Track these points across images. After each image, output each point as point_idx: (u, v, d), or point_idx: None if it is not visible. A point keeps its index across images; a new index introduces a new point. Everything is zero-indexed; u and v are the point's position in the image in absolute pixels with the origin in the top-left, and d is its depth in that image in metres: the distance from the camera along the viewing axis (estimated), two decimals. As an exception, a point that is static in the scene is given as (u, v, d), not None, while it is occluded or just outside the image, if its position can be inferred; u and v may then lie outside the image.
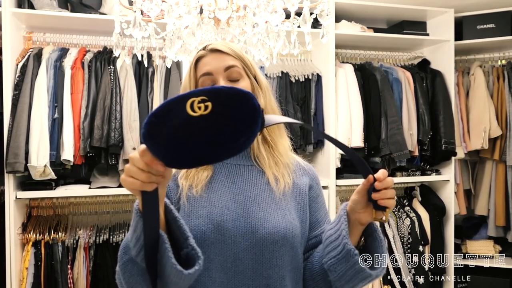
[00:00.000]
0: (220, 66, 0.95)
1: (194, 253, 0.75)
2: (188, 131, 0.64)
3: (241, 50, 1.00)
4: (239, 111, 0.66)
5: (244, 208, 0.91)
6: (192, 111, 0.64)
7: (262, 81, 1.00)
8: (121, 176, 0.72)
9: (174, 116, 0.64)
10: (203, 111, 0.64)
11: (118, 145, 2.29)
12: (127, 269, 0.80)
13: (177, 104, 0.64)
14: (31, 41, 2.46)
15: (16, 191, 2.25)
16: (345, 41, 2.86)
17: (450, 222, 2.96)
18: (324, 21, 1.31)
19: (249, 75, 0.98)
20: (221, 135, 0.65)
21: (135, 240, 0.76)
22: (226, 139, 0.65)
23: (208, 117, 0.64)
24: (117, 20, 1.41)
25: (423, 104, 2.88)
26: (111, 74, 2.35)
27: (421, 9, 2.87)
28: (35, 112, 2.21)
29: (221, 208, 0.90)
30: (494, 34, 2.92)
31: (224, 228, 0.88)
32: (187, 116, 0.64)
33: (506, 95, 2.97)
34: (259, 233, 0.89)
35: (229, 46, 0.98)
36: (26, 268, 2.23)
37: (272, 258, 0.89)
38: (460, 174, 3.12)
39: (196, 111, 0.64)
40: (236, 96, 0.66)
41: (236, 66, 0.95)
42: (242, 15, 1.38)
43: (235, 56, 0.96)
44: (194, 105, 0.64)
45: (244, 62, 0.98)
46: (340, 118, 2.69)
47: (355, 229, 0.87)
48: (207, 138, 0.65)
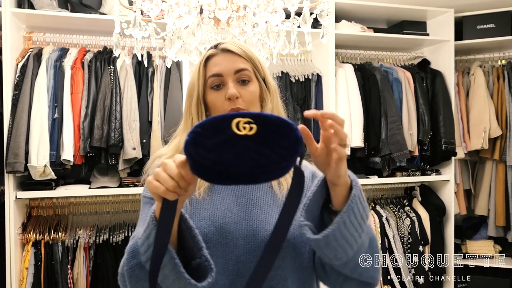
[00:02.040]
0: (231, 68, 0.94)
1: (207, 265, 0.75)
2: (233, 146, 0.66)
3: (252, 51, 0.99)
4: (282, 138, 0.67)
5: (246, 211, 0.91)
6: (237, 130, 0.66)
7: (271, 84, 0.99)
8: (147, 178, 0.72)
9: (220, 130, 0.66)
10: (248, 131, 0.66)
11: (118, 145, 2.29)
12: (134, 274, 0.80)
13: (223, 121, 0.66)
14: (31, 41, 2.46)
15: (16, 191, 2.25)
16: (345, 41, 2.86)
17: (450, 222, 2.96)
18: (324, 21, 1.31)
19: (258, 78, 0.97)
20: (264, 156, 0.66)
21: (146, 246, 0.76)
22: (268, 161, 0.66)
23: (252, 138, 0.66)
24: (117, 20, 1.41)
25: (423, 104, 2.88)
26: (111, 74, 2.35)
27: (421, 9, 2.87)
28: (35, 112, 2.21)
29: (223, 210, 0.90)
30: (494, 34, 2.92)
31: (226, 231, 0.88)
32: (233, 133, 0.66)
33: (506, 95, 2.97)
34: (260, 235, 0.89)
35: (240, 47, 0.96)
36: (26, 268, 2.23)
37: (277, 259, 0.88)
38: (460, 174, 3.12)
39: (241, 130, 0.66)
40: (281, 125, 0.68)
41: (247, 69, 0.94)
42: (242, 15, 1.38)
43: (246, 58, 0.95)
44: (239, 125, 0.66)
45: (255, 64, 0.96)
46: (340, 118, 2.68)
47: (333, 191, 0.78)
48: (250, 157, 0.66)
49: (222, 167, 0.65)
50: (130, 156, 2.29)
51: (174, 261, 0.72)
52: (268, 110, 0.95)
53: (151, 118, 2.41)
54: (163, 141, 2.39)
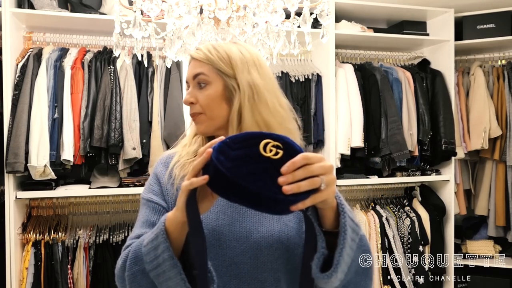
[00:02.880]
0: (190, 74, 0.96)
1: (210, 276, 0.76)
2: (252, 164, 0.67)
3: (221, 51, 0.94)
4: None
5: (240, 213, 0.91)
6: (263, 151, 0.67)
7: (245, 82, 0.92)
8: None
9: (247, 145, 0.68)
10: (272, 155, 0.67)
11: (118, 145, 2.29)
12: (136, 280, 0.80)
13: (253, 138, 0.69)
14: (31, 41, 2.46)
15: (16, 191, 2.25)
16: (345, 41, 2.86)
17: (450, 222, 2.96)
18: (324, 21, 1.31)
19: (224, 78, 0.92)
20: (277, 184, 0.66)
21: (153, 257, 0.76)
22: (278, 190, 0.65)
23: (275, 162, 0.67)
24: (117, 20, 1.41)
25: (423, 104, 2.88)
26: (111, 74, 2.35)
27: (421, 9, 2.87)
28: (35, 112, 2.21)
29: (216, 213, 0.90)
30: (494, 34, 2.92)
31: (219, 233, 0.88)
32: (258, 152, 0.67)
33: (506, 95, 2.97)
34: (253, 237, 0.89)
35: (203, 50, 0.95)
36: (26, 268, 2.23)
37: (267, 262, 0.88)
38: (460, 174, 3.12)
39: (267, 152, 0.67)
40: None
41: (202, 73, 0.93)
42: (242, 15, 1.38)
43: (205, 61, 0.94)
44: (267, 146, 0.68)
45: (216, 65, 0.93)
46: (340, 118, 2.69)
47: (320, 213, 0.77)
48: (265, 179, 0.66)
49: (234, 177, 0.65)
50: (130, 156, 2.29)
51: (181, 276, 0.73)
52: (235, 111, 0.91)
53: (151, 118, 2.41)
54: (163, 141, 2.39)
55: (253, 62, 0.95)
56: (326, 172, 0.69)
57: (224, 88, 0.93)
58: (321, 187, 0.68)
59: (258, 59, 0.97)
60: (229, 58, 0.93)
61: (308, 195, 0.66)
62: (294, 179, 0.66)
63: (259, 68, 0.95)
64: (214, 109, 0.93)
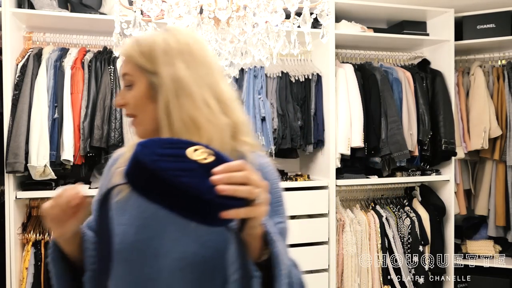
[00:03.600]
0: (120, 75, 0.93)
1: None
2: (182, 162, 0.62)
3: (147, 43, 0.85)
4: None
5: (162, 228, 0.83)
6: (193, 154, 0.64)
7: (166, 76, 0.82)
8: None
9: (175, 148, 0.65)
10: (202, 159, 0.63)
11: (118, 145, 2.29)
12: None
13: (184, 144, 0.66)
14: (31, 41, 2.46)
15: (16, 191, 2.25)
16: (345, 41, 2.86)
17: (450, 222, 2.96)
18: (324, 21, 1.31)
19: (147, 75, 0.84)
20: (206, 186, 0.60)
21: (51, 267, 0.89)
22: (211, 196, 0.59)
23: (205, 166, 0.62)
24: (117, 20, 1.41)
25: (423, 104, 2.88)
26: (111, 74, 2.35)
27: (421, 9, 2.87)
28: (35, 112, 2.21)
29: (137, 226, 0.84)
30: (494, 34, 2.92)
31: (137, 248, 0.83)
32: (183, 153, 0.64)
33: (506, 95, 2.97)
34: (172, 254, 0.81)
35: (126, 46, 0.88)
36: (26, 268, 2.23)
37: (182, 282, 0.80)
38: (460, 174, 3.12)
39: (196, 156, 0.63)
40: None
41: (126, 73, 0.86)
42: (242, 15, 1.38)
43: (128, 58, 0.86)
44: (197, 151, 0.64)
45: (138, 62, 0.84)
46: (340, 118, 2.69)
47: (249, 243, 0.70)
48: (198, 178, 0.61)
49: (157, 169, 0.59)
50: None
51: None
52: (161, 110, 0.81)
53: (151, 118, 2.40)
54: (163, 141, 2.39)
55: (179, 51, 0.83)
56: (263, 188, 0.63)
57: (148, 86, 0.84)
58: (257, 201, 0.61)
59: (188, 47, 0.84)
60: (150, 52, 0.84)
61: (241, 205, 0.60)
62: (230, 181, 0.60)
63: (188, 57, 0.83)
64: (142, 111, 0.85)
